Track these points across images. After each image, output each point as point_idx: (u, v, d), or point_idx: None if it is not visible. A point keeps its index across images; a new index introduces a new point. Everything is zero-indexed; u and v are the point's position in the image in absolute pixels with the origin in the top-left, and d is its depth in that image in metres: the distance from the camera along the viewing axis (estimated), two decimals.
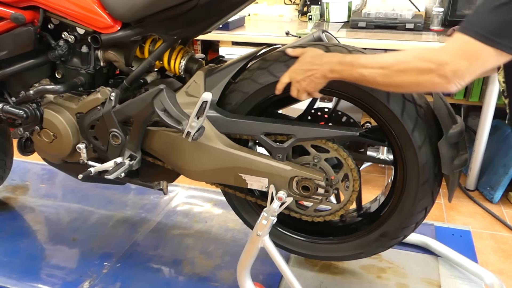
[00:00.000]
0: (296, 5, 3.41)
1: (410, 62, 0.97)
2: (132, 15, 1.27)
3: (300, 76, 1.15)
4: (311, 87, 1.16)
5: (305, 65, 1.15)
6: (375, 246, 1.39)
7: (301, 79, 1.16)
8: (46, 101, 1.48)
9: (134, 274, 1.62)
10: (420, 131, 1.19)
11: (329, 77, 1.12)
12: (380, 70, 1.01)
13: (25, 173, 2.35)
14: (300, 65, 1.16)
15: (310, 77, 1.14)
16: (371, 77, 1.03)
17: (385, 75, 1.01)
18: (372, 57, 1.06)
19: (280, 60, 1.25)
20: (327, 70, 1.11)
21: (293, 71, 1.18)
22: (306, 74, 1.14)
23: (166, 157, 1.39)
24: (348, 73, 1.07)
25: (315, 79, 1.13)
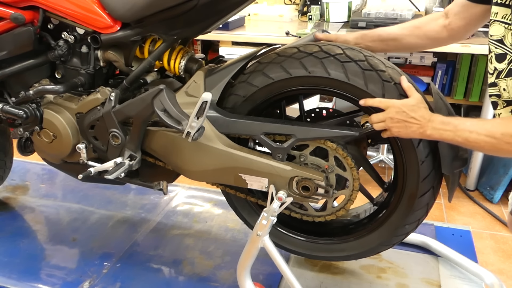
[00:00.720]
0: (296, 5, 3.41)
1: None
2: (132, 15, 1.27)
3: (398, 117, 1.11)
4: (401, 133, 1.13)
5: (409, 112, 1.11)
6: (375, 247, 1.39)
7: (395, 121, 1.12)
8: (46, 101, 1.48)
9: (134, 274, 1.62)
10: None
11: (426, 135, 1.10)
12: (487, 139, 1.03)
13: (25, 173, 2.35)
14: (404, 107, 1.11)
15: (406, 126, 1.11)
16: (476, 143, 1.05)
17: (493, 144, 1.03)
18: (478, 123, 1.07)
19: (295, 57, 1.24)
20: (428, 129, 1.09)
21: (394, 107, 1.12)
22: (404, 122, 1.11)
23: (166, 157, 1.39)
24: (450, 137, 1.07)
25: (410, 131, 1.11)
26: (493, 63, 1.13)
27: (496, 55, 1.11)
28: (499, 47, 1.10)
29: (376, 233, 1.38)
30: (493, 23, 1.11)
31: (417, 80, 2.82)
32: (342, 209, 1.33)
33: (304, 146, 1.29)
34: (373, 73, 1.18)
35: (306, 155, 1.29)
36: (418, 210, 1.29)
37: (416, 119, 1.10)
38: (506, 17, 1.07)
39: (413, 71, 3.09)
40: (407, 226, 1.33)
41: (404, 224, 1.32)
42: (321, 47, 1.22)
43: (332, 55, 1.21)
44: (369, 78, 1.18)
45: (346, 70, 1.19)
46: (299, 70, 1.22)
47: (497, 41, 1.10)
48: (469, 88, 2.98)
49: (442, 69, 3.05)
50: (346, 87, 1.21)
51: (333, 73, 1.20)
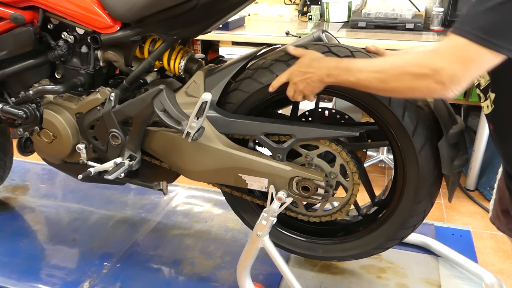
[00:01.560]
0: (296, 5, 3.41)
1: (406, 67, 0.95)
2: (131, 15, 1.27)
3: (298, 77, 1.15)
4: (308, 90, 1.15)
5: (303, 68, 1.14)
6: (374, 247, 1.40)
7: (298, 81, 1.15)
8: (45, 101, 1.48)
9: (134, 274, 1.62)
10: (411, 116, 1.18)
11: (326, 81, 1.11)
12: (376, 75, 1.00)
13: (25, 173, 2.35)
14: (298, 67, 1.16)
15: (307, 79, 1.13)
16: (367, 81, 1.02)
17: (380, 79, 0.99)
18: (368, 61, 1.05)
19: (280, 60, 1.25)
20: (324, 74, 1.10)
21: (291, 72, 1.18)
22: (303, 76, 1.14)
23: (166, 157, 1.39)
24: (344, 78, 1.06)
25: (311, 83, 1.13)
26: None
27: None
28: None
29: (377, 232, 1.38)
30: None
31: None
32: (339, 212, 1.34)
33: (313, 147, 1.29)
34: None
35: (313, 156, 1.29)
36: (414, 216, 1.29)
37: (311, 70, 1.12)
38: None
39: None
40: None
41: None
42: (330, 48, 1.22)
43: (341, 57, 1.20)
44: None
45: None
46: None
47: None
48: (469, 88, 2.98)
49: None
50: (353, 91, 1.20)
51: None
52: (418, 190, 1.25)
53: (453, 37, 0.90)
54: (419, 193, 1.25)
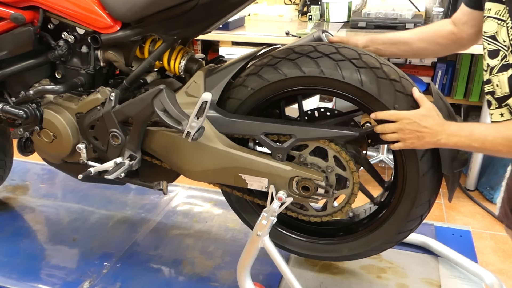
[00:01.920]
0: (296, 5, 3.41)
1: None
2: (132, 15, 1.27)
3: (410, 127, 1.10)
4: (413, 145, 1.12)
5: (421, 121, 1.09)
6: (374, 248, 1.40)
7: (408, 131, 1.10)
8: (46, 101, 1.48)
9: (134, 274, 1.61)
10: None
11: (440, 145, 1.10)
12: (504, 141, 1.03)
13: (25, 173, 2.35)
14: (415, 117, 1.10)
15: (419, 136, 1.10)
16: (493, 147, 1.05)
17: (509, 146, 1.03)
18: (492, 128, 1.07)
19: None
20: (443, 139, 1.08)
21: (406, 116, 1.11)
22: (416, 131, 1.10)
23: (166, 157, 1.39)
24: (467, 144, 1.07)
25: (422, 141, 1.10)
26: (486, 60, 1.12)
27: (489, 51, 1.11)
28: (491, 43, 1.10)
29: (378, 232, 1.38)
30: (486, 19, 1.11)
31: (417, 80, 2.83)
32: (339, 211, 1.33)
33: (303, 146, 1.29)
34: (387, 82, 1.18)
35: (306, 155, 1.29)
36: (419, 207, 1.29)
37: (428, 128, 1.09)
38: (499, 13, 1.07)
39: (413, 71, 3.09)
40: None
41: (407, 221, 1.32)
42: (338, 49, 1.22)
43: (348, 59, 1.20)
44: (383, 86, 1.18)
45: (360, 76, 1.18)
46: (313, 69, 1.22)
47: (490, 37, 1.10)
48: (469, 88, 2.98)
49: (442, 69, 3.05)
50: (358, 92, 1.20)
51: (347, 77, 1.19)
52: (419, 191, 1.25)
53: None
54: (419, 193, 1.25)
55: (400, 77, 1.20)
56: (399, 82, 1.19)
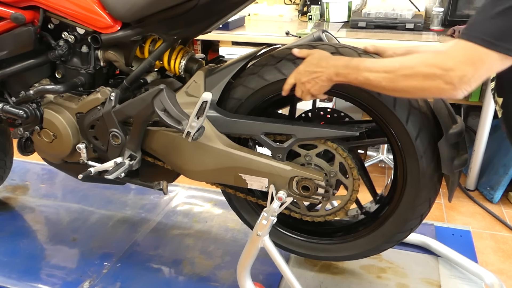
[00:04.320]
0: (296, 5, 3.41)
1: (416, 67, 0.96)
2: (132, 15, 1.27)
3: (305, 77, 1.15)
4: (316, 89, 1.15)
5: (311, 67, 1.14)
6: (373, 248, 1.40)
7: (306, 81, 1.15)
8: (46, 101, 1.48)
9: (134, 274, 1.62)
10: (415, 122, 1.19)
11: (334, 80, 1.11)
12: (385, 74, 1.01)
13: (25, 173, 2.35)
14: (305, 67, 1.16)
15: (315, 79, 1.13)
16: (376, 81, 1.02)
17: (390, 79, 1.00)
18: (378, 61, 1.06)
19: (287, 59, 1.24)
20: (332, 73, 1.10)
21: (298, 72, 1.17)
22: (311, 76, 1.14)
23: (166, 157, 1.39)
24: (353, 77, 1.07)
25: (320, 82, 1.13)
26: None
27: None
28: None
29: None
30: None
31: None
32: (342, 210, 1.34)
33: (312, 147, 1.29)
34: None
35: (312, 156, 1.29)
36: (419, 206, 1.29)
37: (319, 69, 1.12)
38: None
39: None
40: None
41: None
42: (337, 49, 1.22)
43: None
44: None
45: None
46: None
47: None
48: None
49: None
50: (357, 92, 1.20)
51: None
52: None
53: (462, 41, 0.92)
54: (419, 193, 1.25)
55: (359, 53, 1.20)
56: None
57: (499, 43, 0.88)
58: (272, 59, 1.27)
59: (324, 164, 1.30)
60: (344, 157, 1.26)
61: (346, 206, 1.33)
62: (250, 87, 1.29)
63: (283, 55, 1.26)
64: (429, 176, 1.23)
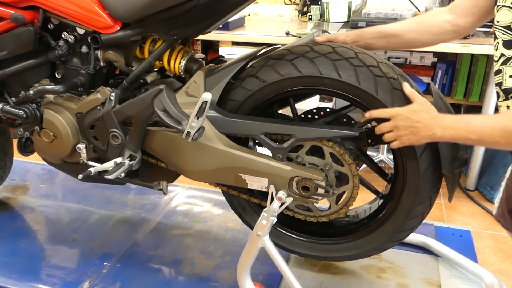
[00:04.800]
0: (296, 5, 3.41)
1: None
2: (132, 15, 1.27)
3: (404, 123, 1.10)
4: (409, 141, 1.11)
5: (414, 116, 1.09)
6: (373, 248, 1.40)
7: (403, 128, 1.10)
8: (46, 101, 1.48)
9: (134, 274, 1.62)
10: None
11: (436, 138, 1.08)
12: (502, 133, 1.01)
13: (25, 173, 2.35)
14: (408, 113, 1.10)
15: (413, 131, 1.09)
16: (491, 138, 1.02)
17: (507, 137, 1.01)
18: (490, 119, 1.05)
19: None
20: (438, 132, 1.06)
21: (399, 113, 1.11)
22: (411, 127, 1.09)
23: (166, 157, 1.39)
24: (463, 136, 1.05)
25: (418, 136, 1.09)
26: (499, 50, 1.11)
27: (503, 41, 1.10)
28: (506, 33, 1.09)
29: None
30: (501, 9, 1.09)
31: (417, 80, 2.82)
32: (345, 207, 1.33)
33: (299, 147, 1.29)
34: (384, 80, 1.18)
35: (303, 156, 1.29)
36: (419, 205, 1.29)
37: (421, 122, 1.08)
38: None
39: (413, 71, 3.09)
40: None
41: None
42: (335, 48, 1.22)
43: (345, 58, 1.20)
44: (380, 84, 1.18)
45: (358, 75, 1.19)
46: (310, 70, 1.22)
47: (504, 27, 1.09)
48: (469, 88, 2.98)
49: (442, 69, 3.05)
50: (356, 91, 1.20)
51: (344, 76, 1.19)
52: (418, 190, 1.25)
53: None
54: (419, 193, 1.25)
55: (397, 75, 1.20)
56: (396, 80, 1.19)
57: None
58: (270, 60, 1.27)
59: (317, 160, 1.30)
60: (331, 146, 1.26)
61: (353, 193, 1.32)
62: (249, 88, 1.29)
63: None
64: (429, 174, 1.23)
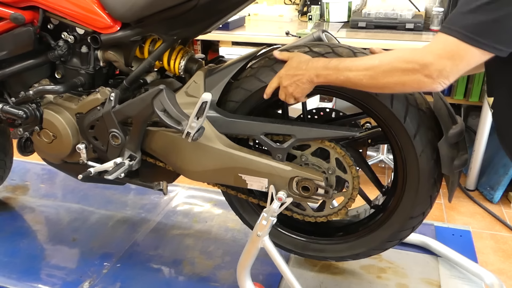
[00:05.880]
0: (296, 5, 3.41)
1: (394, 63, 0.98)
2: (131, 15, 1.27)
3: (287, 81, 1.17)
4: (298, 92, 1.17)
5: (292, 70, 1.16)
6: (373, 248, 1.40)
7: (287, 84, 1.17)
8: (45, 101, 1.48)
9: (134, 274, 1.62)
10: (413, 119, 1.19)
11: (315, 82, 1.13)
12: (365, 72, 1.03)
13: (25, 173, 2.35)
14: (286, 70, 1.17)
15: (296, 82, 1.15)
16: (357, 79, 1.04)
17: (370, 76, 1.02)
18: (357, 60, 1.08)
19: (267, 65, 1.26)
20: (313, 75, 1.12)
21: (280, 76, 1.19)
22: (292, 79, 1.15)
23: (166, 157, 1.39)
24: (334, 77, 1.09)
25: (301, 84, 1.15)
26: None
27: None
28: None
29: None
30: None
31: None
32: (344, 208, 1.33)
33: (306, 146, 1.29)
34: None
35: (308, 156, 1.29)
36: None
37: (300, 72, 1.14)
38: None
39: None
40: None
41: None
42: (333, 49, 1.22)
43: (322, 54, 1.20)
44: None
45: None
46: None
47: None
48: (469, 88, 2.98)
49: None
50: (354, 90, 1.20)
51: None
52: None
53: (441, 35, 0.94)
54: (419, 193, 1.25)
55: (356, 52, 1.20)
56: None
57: (478, 38, 0.90)
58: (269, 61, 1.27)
59: (320, 162, 1.30)
60: (342, 155, 1.26)
61: (348, 204, 1.33)
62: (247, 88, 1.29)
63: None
64: (429, 173, 1.23)
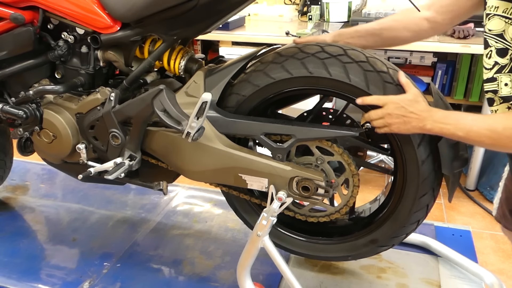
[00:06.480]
0: (296, 5, 3.41)
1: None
2: (131, 15, 1.27)
3: (396, 112, 1.11)
4: (399, 130, 1.13)
5: (407, 106, 1.11)
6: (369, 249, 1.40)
7: (394, 116, 1.11)
8: (45, 101, 1.48)
9: (134, 274, 1.62)
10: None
11: (425, 130, 1.10)
12: (489, 134, 1.04)
13: (25, 173, 2.35)
14: (401, 102, 1.11)
15: (405, 120, 1.11)
16: (478, 139, 1.06)
17: (494, 138, 1.04)
18: (478, 120, 1.07)
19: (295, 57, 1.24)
20: (428, 125, 1.09)
21: (391, 101, 1.13)
22: (403, 116, 1.11)
23: (166, 157, 1.39)
24: (451, 132, 1.07)
25: (408, 125, 1.11)
26: (493, 57, 1.12)
27: (497, 50, 1.11)
28: (499, 42, 1.10)
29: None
30: (493, 17, 1.10)
31: (417, 80, 2.82)
32: (345, 206, 1.33)
33: (328, 153, 1.28)
34: (374, 74, 1.18)
35: (324, 161, 1.29)
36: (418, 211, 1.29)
37: (414, 113, 1.10)
38: (507, 12, 1.07)
39: (413, 71, 3.09)
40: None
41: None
42: (323, 48, 1.22)
43: (334, 55, 1.20)
44: (371, 79, 1.18)
45: (347, 71, 1.19)
46: (300, 70, 1.22)
47: (496, 35, 1.10)
48: (469, 88, 2.98)
49: (442, 69, 3.05)
50: (346, 87, 1.20)
51: (334, 73, 1.20)
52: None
53: None
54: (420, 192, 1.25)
55: (388, 68, 1.20)
56: (387, 73, 1.19)
57: None
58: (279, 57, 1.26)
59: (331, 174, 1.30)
60: (341, 153, 1.26)
61: (349, 202, 1.32)
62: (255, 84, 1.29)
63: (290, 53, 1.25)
64: (429, 166, 1.23)
